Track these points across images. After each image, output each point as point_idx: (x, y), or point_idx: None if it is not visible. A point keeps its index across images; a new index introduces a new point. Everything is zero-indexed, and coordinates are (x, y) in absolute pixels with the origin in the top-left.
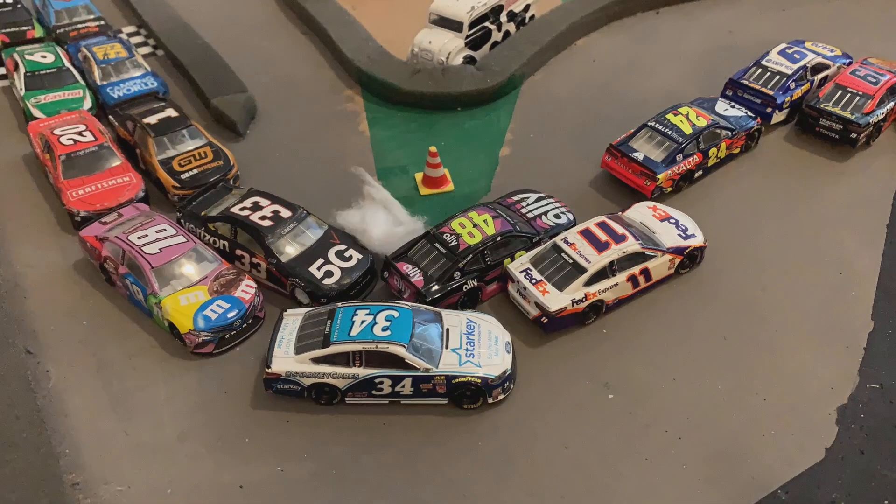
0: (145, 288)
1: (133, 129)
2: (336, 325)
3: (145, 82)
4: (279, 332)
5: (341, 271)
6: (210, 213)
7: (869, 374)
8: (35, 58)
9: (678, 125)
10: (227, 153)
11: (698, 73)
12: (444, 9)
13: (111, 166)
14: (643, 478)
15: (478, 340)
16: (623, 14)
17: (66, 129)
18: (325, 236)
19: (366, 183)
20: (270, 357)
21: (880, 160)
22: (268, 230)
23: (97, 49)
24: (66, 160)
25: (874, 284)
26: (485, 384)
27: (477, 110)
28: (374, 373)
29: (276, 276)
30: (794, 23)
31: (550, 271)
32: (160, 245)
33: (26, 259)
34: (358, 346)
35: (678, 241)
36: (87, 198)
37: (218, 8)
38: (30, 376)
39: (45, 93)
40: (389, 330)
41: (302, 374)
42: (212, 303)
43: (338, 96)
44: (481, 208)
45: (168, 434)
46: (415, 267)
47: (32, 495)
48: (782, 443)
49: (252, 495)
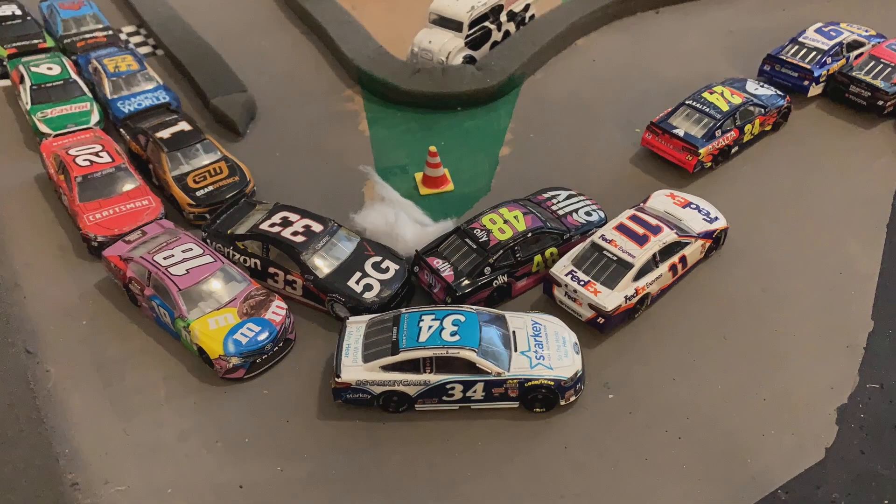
0: (172, 311)
1: (145, 143)
2: (403, 331)
3: (157, 96)
4: (344, 340)
5: (380, 283)
6: (237, 231)
7: (869, 373)
8: (41, 69)
9: (715, 102)
10: (243, 168)
11: (699, 72)
12: (443, 8)
13: (129, 189)
14: (643, 478)
15: (546, 342)
16: (623, 14)
17: (82, 149)
18: (359, 248)
19: (376, 182)
20: (339, 366)
21: (880, 160)
22: (302, 246)
23: (108, 61)
24: (83, 182)
25: (874, 284)
26: (557, 386)
27: (477, 110)
28: (446, 379)
29: (314, 293)
30: (795, 22)
31: (595, 271)
32: (187, 266)
33: (26, 259)
34: (428, 353)
35: (705, 225)
36: (105, 222)
37: (218, 8)
38: (30, 376)
39: (51, 106)
40: (458, 335)
41: (372, 382)
42: (242, 326)
43: (338, 96)
44: (512, 205)
45: (168, 434)
46: (445, 262)
47: (32, 495)
48: (782, 443)
49: (252, 495)
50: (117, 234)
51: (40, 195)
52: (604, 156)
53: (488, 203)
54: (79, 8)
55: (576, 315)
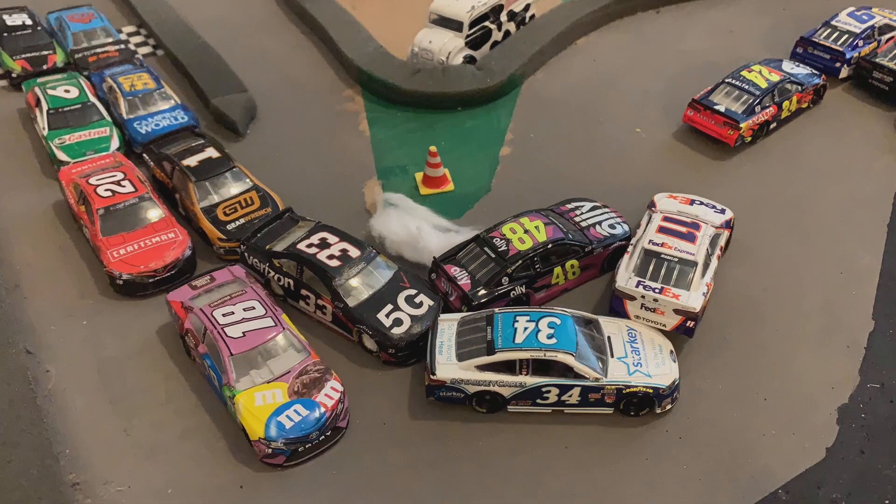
0: (221, 376)
1: (171, 171)
2: (498, 331)
3: (175, 116)
4: (437, 337)
5: (411, 319)
6: (275, 248)
7: (870, 373)
8: (58, 92)
9: (753, 80)
10: (275, 198)
11: (699, 72)
12: (444, 8)
13: (154, 221)
14: (643, 478)
15: (642, 349)
16: (623, 13)
17: (103, 177)
18: (395, 279)
19: (382, 196)
20: (433, 363)
21: (880, 160)
22: (336, 271)
23: (123, 79)
24: (105, 215)
25: (875, 284)
26: (656, 394)
27: (477, 110)
28: (542, 381)
29: (343, 321)
30: (795, 22)
31: (662, 276)
32: (245, 328)
33: (26, 259)
34: (525, 354)
35: (721, 216)
36: (130, 258)
37: (218, 8)
38: (30, 376)
39: (69, 132)
40: (555, 337)
41: (467, 381)
42: (289, 406)
43: (338, 96)
44: (534, 214)
45: (168, 434)
46: (462, 270)
47: (32, 495)
48: (783, 443)
49: (252, 495)
50: (143, 272)
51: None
52: (604, 155)
53: (488, 203)
54: (89, 21)
55: (658, 326)
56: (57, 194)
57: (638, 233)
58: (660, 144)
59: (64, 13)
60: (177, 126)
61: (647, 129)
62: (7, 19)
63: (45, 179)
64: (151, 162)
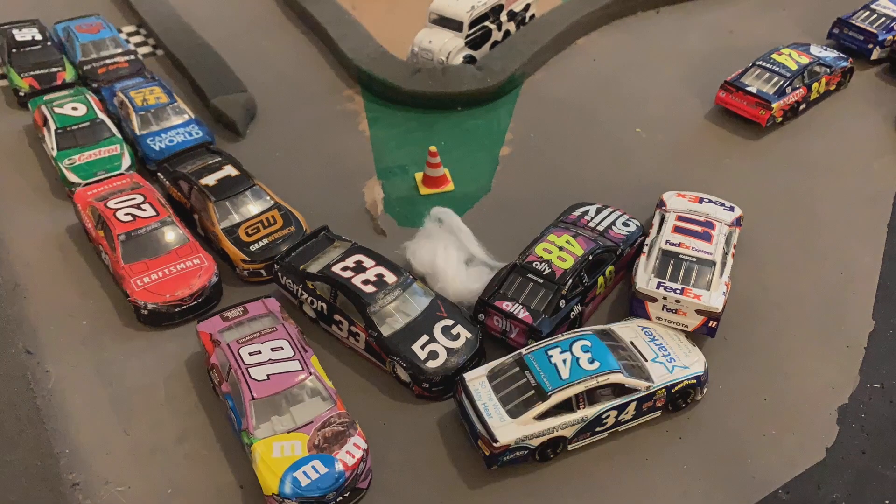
0: (240, 420)
1: (189, 190)
2: (538, 373)
3: (189, 131)
4: (478, 401)
5: (447, 352)
6: (309, 269)
7: (870, 373)
8: (65, 110)
9: (783, 62)
10: (298, 216)
11: (699, 71)
12: (444, 8)
13: (178, 246)
14: (643, 478)
15: (666, 344)
16: (623, 13)
17: (122, 200)
18: (432, 307)
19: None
20: (491, 431)
21: (880, 160)
22: (370, 298)
23: (135, 94)
24: (126, 241)
25: (875, 284)
26: (698, 382)
27: (477, 110)
28: (601, 408)
29: (376, 350)
30: (795, 21)
31: (682, 277)
32: (270, 370)
33: (26, 258)
34: (579, 388)
35: (731, 214)
36: (154, 287)
37: (218, 8)
38: (30, 376)
39: (79, 152)
40: (596, 360)
41: (531, 436)
42: (307, 462)
43: (338, 96)
44: (557, 230)
45: (168, 434)
46: (514, 303)
47: (32, 495)
48: (783, 443)
49: (252, 495)
50: (169, 301)
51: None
52: (604, 155)
53: (488, 202)
54: (97, 31)
55: (679, 328)
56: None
57: (651, 233)
58: (660, 144)
59: (72, 23)
60: (191, 142)
61: (647, 128)
62: (17, 34)
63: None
64: (167, 181)
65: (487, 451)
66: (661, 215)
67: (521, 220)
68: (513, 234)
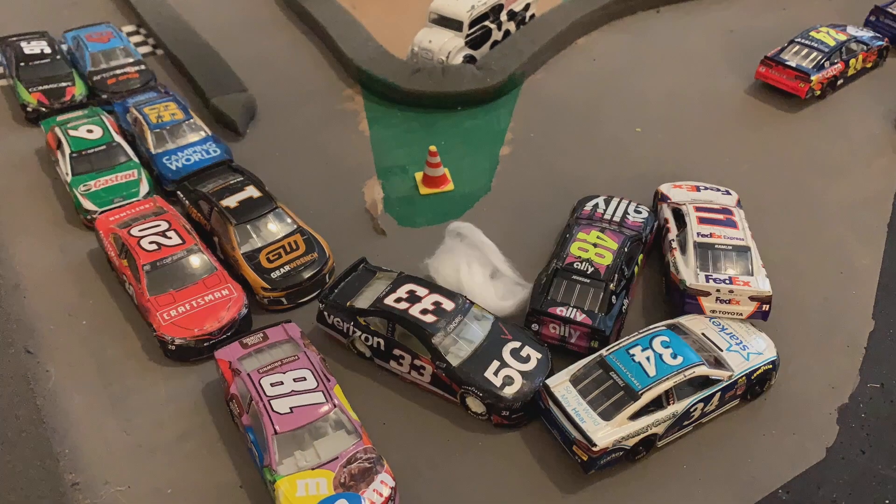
0: (262, 455)
1: (209, 212)
2: (625, 373)
3: (206, 149)
4: (567, 407)
5: (522, 376)
6: (359, 304)
7: (870, 373)
8: (80, 133)
9: (822, 39)
10: (321, 241)
11: (699, 71)
12: (443, 8)
13: (205, 276)
14: (643, 478)
15: (735, 331)
16: (623, 13)
17: (146, 228)
18: (495, 330)
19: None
20: (588, 435)
21: (880, 160)
22: (434, 328)
23: (149, 110)
24: (152, 271)
25: (875, 283)
26: (774, 366)
27: (477, 109)
28: (690, 402)
29: (445, 382)
30: (795, 21)
31: (723, 266)
32: (293, 402)
33: (26, 259)
34: (668, 384)
35: (731, 198)
36: (182, 320)
37: (218, 8)
38: (30, 376)
39: (94, 177)
40: (678, 355)
41: (626, 436)
42: (333, 501)
43: (338, 96)
44: (584, 227)
45: (168, 434)
46: (567, 307)
47: (32, 495)
48: (783, 442)
49: (252, 495)
50: (198, 336)
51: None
52: (604, 155)
53: (488, 202)
54: (108, 40)
55: (734, 316)
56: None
57: (670, 228)
58: (660, 144)
59: (82, 32)
60: (209, 160)
61: (646, 128)
62: (25, 47)
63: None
64: (187, 201)
65: (585, 457)
66: (674, 209)
67: (522, 219)
68: (513, 233)
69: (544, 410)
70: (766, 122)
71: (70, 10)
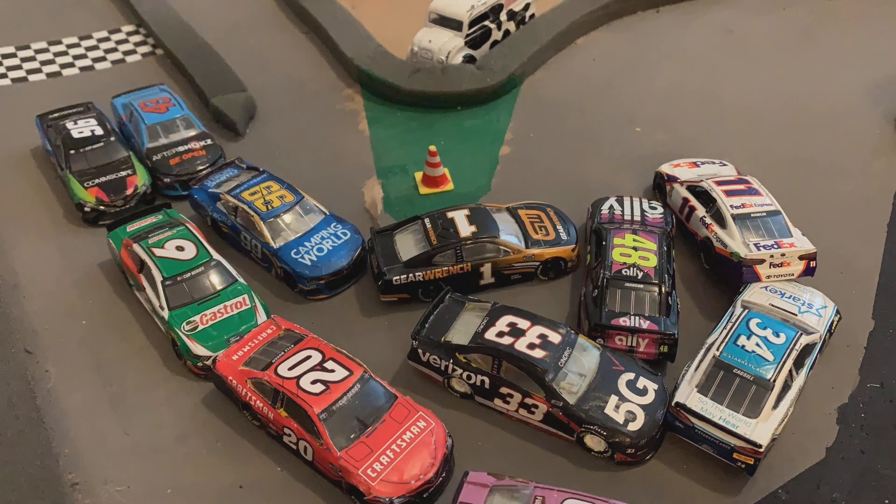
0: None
1: None
2: (747, 366)
3: (335, 233)
4: (713, 418)
5: (643, 410)
6: (456, 340)
7: (870, 373)
8: (168, 252)
9: None
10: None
11: (699, 71)
12: (443, 8)
13: (390, 410)
14: (643, 478)
15: (794, 294)
16: (623, 13)
17: (295, 365)
18: (605, 362)
19: None
20: (749, 439)
21: (880, 160)
22: (547, 365)
23: (249, 196)
24: (329, 419)
25: (875, 283)
26: (840, 316)
27: (477, 109)
28: (804, 372)
29: (562, 421)
30: (795, 21)
31: (764, 232)
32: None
33: (26, 259)
34: (789, 362)
35: (730, 168)
36: (391, 474)
37: (218, 8)
38: (30, 376)
39: (198, 310)
40: (780, 332)
41: (776, 426)
42: None
43: (338, 96)
44: (616, 232)
45: (168, 434)
46: (629, 316)
47: (32, 495)
48: (783, 442)
49: (252, 495)
50: (418, 488)
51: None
52: (604, 155)
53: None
54: (166, 110)
55: (786, 276)
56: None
57: (695, 207)
58: (660, 144)
59: (134, 98)
60: (345, 245)
61: (646, 128)
62: (73, 130)
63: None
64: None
65: (751, 460)
66: (691, 187)
67: None
68: None
69: (685, 429)
70: (766, 122)
71: (70, 10)
